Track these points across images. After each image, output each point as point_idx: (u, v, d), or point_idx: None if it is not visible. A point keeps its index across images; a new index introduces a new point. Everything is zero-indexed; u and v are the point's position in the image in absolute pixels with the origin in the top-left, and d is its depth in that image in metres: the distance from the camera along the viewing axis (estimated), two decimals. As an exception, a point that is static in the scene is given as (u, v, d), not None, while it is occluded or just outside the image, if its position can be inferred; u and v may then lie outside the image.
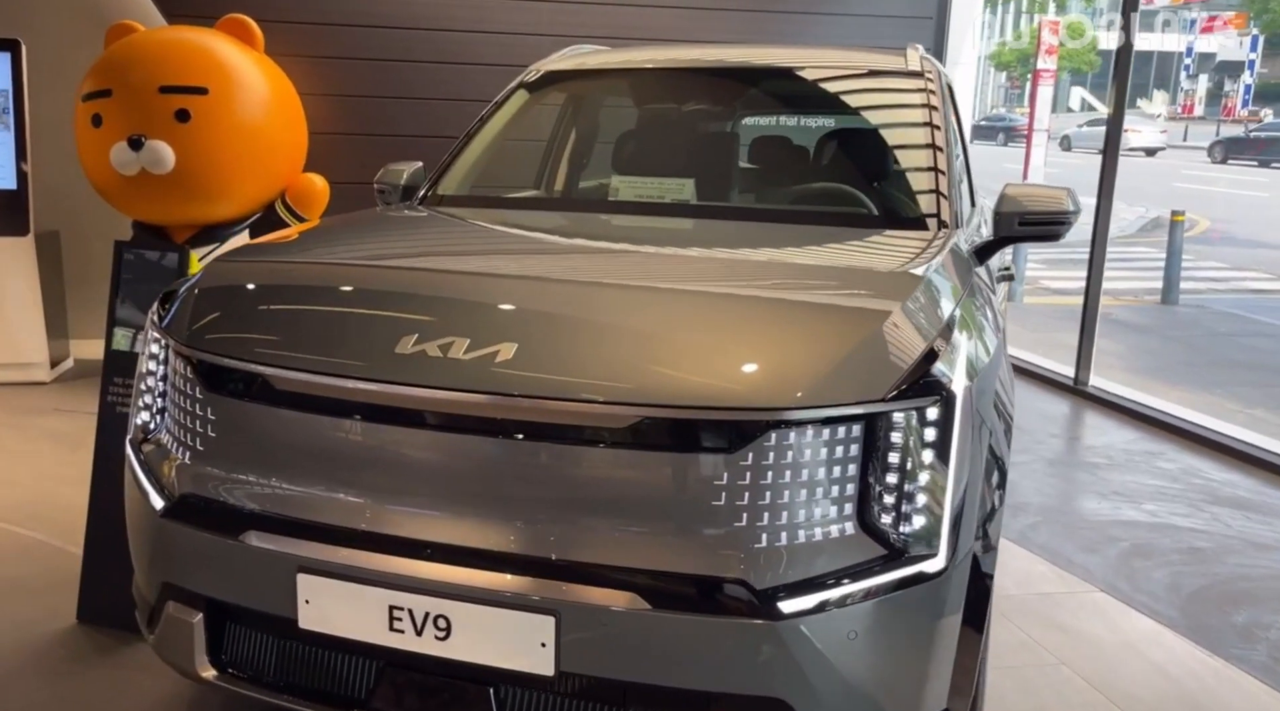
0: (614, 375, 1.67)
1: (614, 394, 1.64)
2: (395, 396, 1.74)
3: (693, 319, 1.79)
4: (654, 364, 1.68)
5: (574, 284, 1.97)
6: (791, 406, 1.61)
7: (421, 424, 1.75)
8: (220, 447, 1.93)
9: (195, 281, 2.15)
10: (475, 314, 1.85)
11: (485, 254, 2.34)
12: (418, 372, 1.73)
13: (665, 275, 2.05)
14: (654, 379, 1.66)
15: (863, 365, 1.68)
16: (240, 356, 1.89)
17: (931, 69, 2.97)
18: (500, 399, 1.68)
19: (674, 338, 1.74)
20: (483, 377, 1.70)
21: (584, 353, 1.72)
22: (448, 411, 1.72)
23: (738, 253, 2.33)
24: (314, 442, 1.84)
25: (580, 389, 1.66)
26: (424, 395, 1.72)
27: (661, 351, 1.71)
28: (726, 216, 2.69)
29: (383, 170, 3.24)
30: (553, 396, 1.66)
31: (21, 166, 5.08)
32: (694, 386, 1.64)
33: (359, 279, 2.07)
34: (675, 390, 1.63)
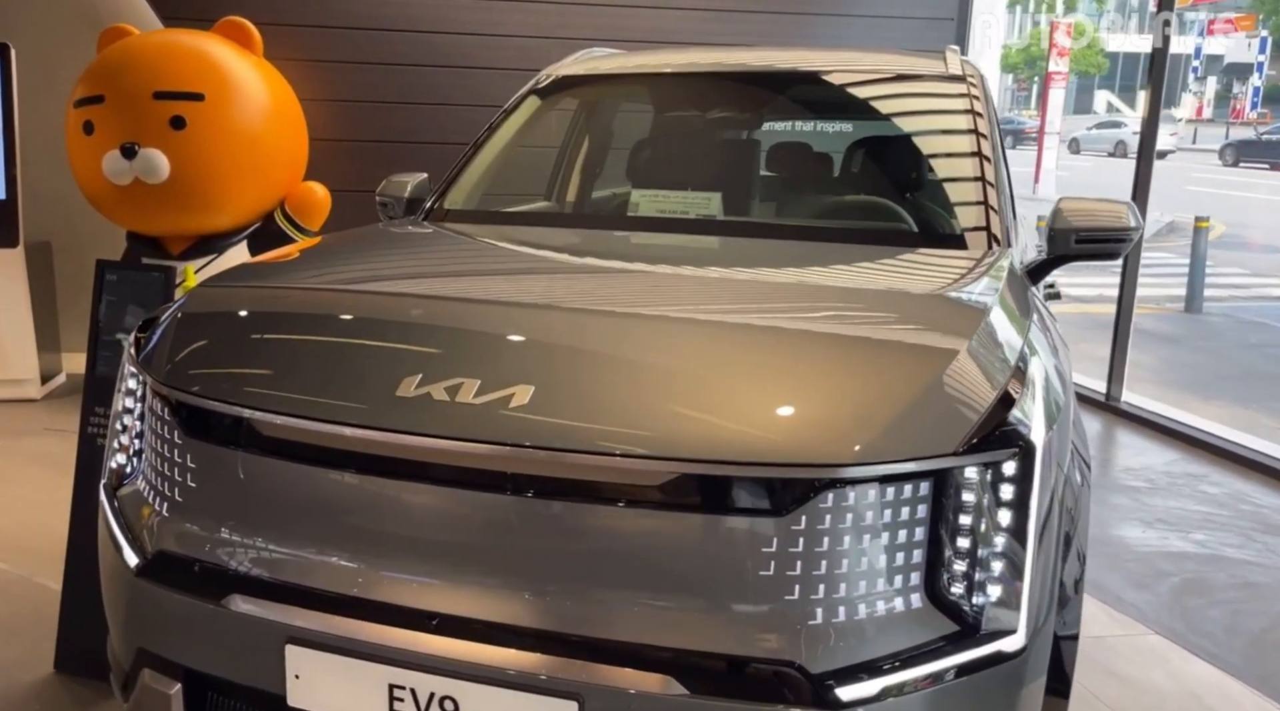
0: (645, 424, 1.46)
1: (645, 446, 1.43)
2: (396, 446, 1.54)
3: (735, 358, 1.58)
4: (692, 411, 1.47)
5: (598, 315, 1.76)
6: (850, 462, 1.40)
7: (426, 478, 1.54)
8: (201, 499, 1.73)
9: (175, 310, 1.95)
10: (486, 351, 1.65)
11: (496, 279, 2.13)
12: (421, 419, 1.53)
13: (699, 304, 1.84)
14: (692, 428, 1.45)
15: (930, 413, 1.47)
16: (223, 398, 1.68)
17: (973, 73, 2.76)
18: (515, 450, 1.47)
19: (714, 380, 1.53)
20: (495, 426, 1.49)
21: (610, 397, 1.52)
22: (455, 464, 1.52)
23: (777, 276, 2.12)
24: (306, 497, 1.63)
25: (606, 440, 1.45)
26: (428, 445, 1.51)
27: (700, 396, 1.50)
28: (757, 233, 2.48)
29: (385, 181, 3.04)
30: (574, 448, 1.45)
31: (11, 175, 4.89)
32: (738, 438, 1.43)
33: (356, 309, 1.86)
34: (716, 442, 1.43)
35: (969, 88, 2.68)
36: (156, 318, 2.01)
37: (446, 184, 2.89)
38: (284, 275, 2.14)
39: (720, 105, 3.05)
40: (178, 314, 1.92)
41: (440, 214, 2.77)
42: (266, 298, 1.96)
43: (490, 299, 1.88)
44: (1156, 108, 5.23)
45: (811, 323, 1.71)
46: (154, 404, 1.81)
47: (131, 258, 4.89)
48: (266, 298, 1.96)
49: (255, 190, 4.85)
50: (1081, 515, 1.68)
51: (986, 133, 2.54)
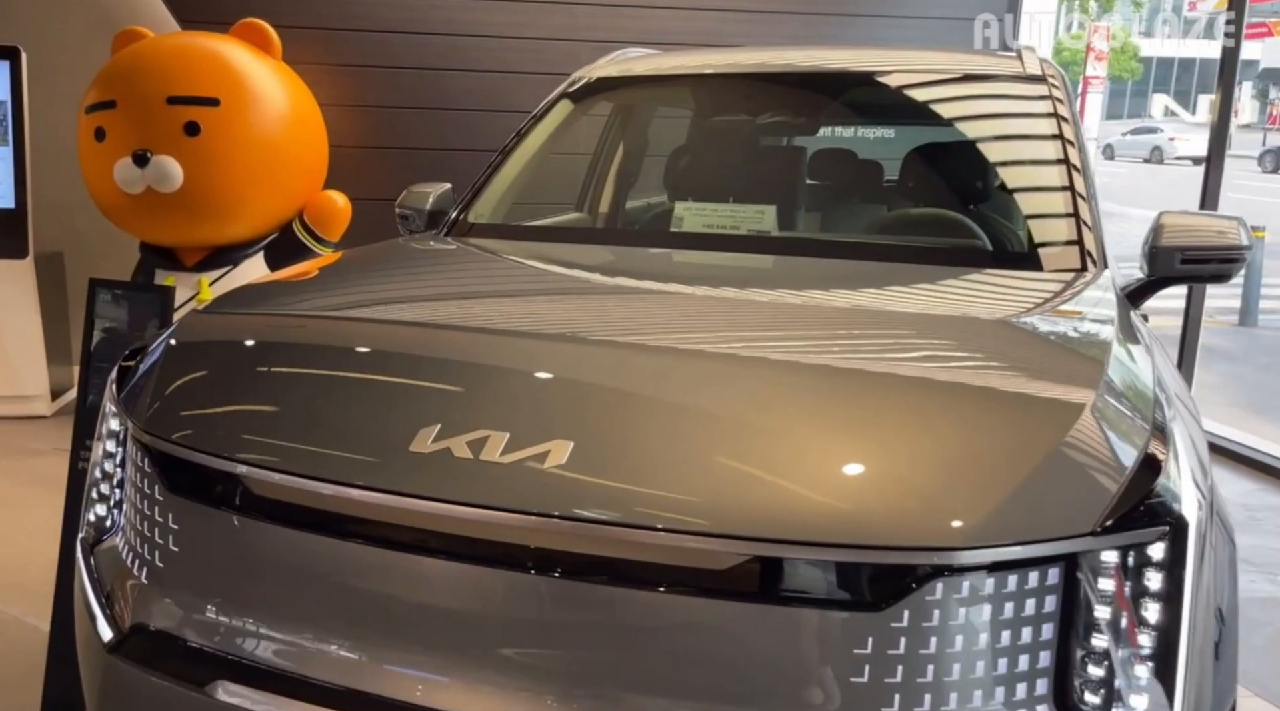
0: (709, 492, 1.21)
1: (708, 520, 1.18)
2: (408, 513, 1.29)
3: (818, 410, 1.32)
4: (768, 476, 1.22)
5: (649, 354, 1.49)
6: (964, 545, 1.14)
7: (442, 551, 1.29)
8: (185, 566, 1.49)
9: (161, 342, 1.71)
10: (516, 397, 1.39)
11: (528, 307, 1.87)
12: (438, 480, 1.28)
13: (768, 341, 1.57)
14: (768, 500, 1.19)
15: (1058, 484, 1.20)
16: (210, 449, 1.44)
17: (1054, 73, 2.48)
18: (547, 522, 1.22)
19: (794, 438, 1.27)
20: (525, 490, 1.25)
21: (665, 457, 1.26)
22: (477, 536, 1.27)
23: (851, 306, 1.85)
24: (303, 569, 1.38)
25: (659, 511, 1.20)
26: (445, 513, 1.27)
27: (778, 458, 1.24)
28: (818, 252, 2.21)
29: (406, 192, 2.80)
30: (620, 522, 1.20)
31: (21, 184, 4.70)
32: (825, 513, 1.17)
33: (367, 343, 1.61)
34: (798, 518, 1.17)
35: (1050, 89, 2.40)
36: (143, 348, 1.78)
37: (472, 195, 2.65)
38: (286, 301, 1.89)
39: (771, 109, 2.79)
40: (163, 347, 1.69)
41: (464, 228, 2.53)
42: (264, 328, 1.72)
43: (521, 331, 1.63)
44: (1227, 112, 4.94)
45: (903, 365, 1.44)
46: (134, 452, 1.57)
47: (145, 269, 4.69)
48: (264, 328, 1.72)
49: (272, 199, 4.64)
50: (1230, 594, 1.40)
51: (1074, 139, 2.26)
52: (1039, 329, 1.69)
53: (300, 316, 1.77)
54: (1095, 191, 2.20)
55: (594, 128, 3.58)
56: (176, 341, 1.68)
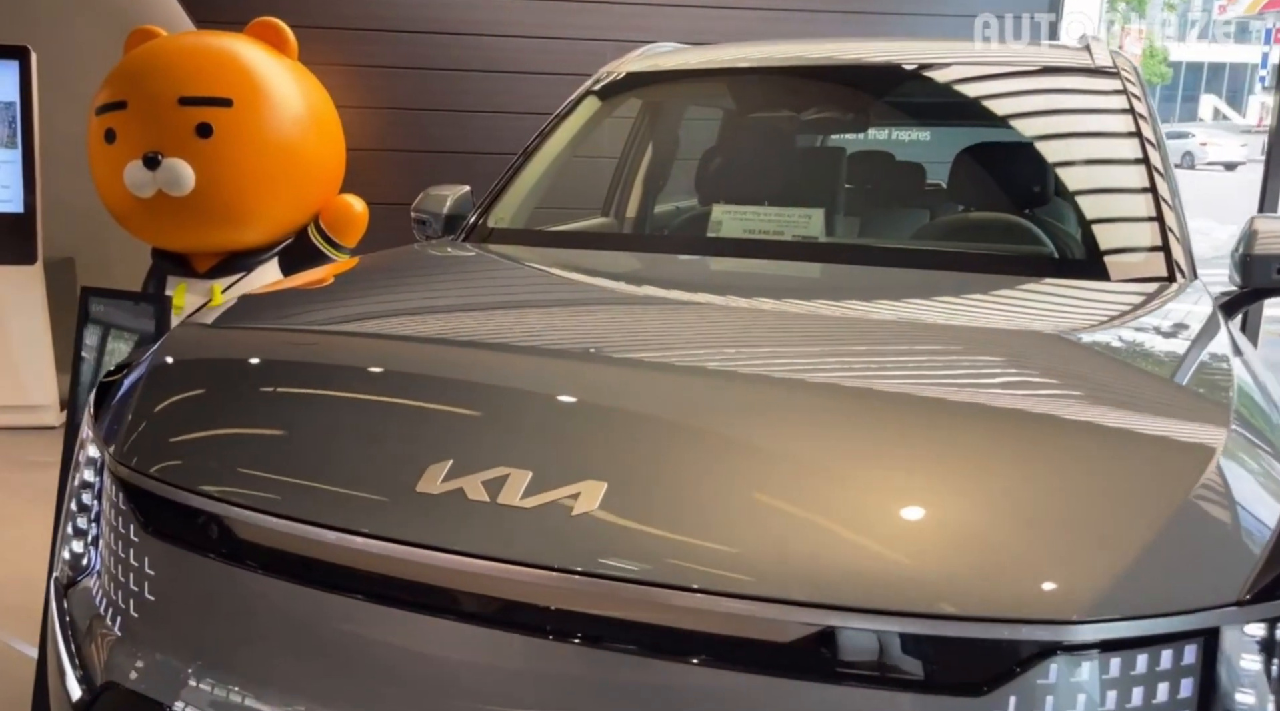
0: (771, 548, 1.01)
1: (771, 582, 0.99)
2: (414, 565, 1.11)
3: (903, 448, 1.12)
4: (843, 531, 1.02)
5: (697, 378, 1.30)
6: (1084, 618, 0.94)
7: (453, 612, 1.10)
8: (163, 619, 1.30)
9: (143, 361, 1.54)
10: (541, 429, 1.20)
11: (553, 321, 1.67)
12: (449, 528, 1.10)
13: (832, 364, 1.38)
14: (843, 558, 1.00)
15: (1193, 543, 1.00)
16: (191, 485, 1.26)
17: (1127, 66, 2.27)
18: (578, 580, 1.03)
19: (874, 484, 1.07)
20: (549, 541, 1.06)
21: (718, 504, 1.07)
22: (493, 595, 1.08)
23: (923, 321, 1.63)
24: (295, 627, 1.20)
25: (710, 569, 1.01)
26: (457, 566, 1.08)
27: (855, 507, 1.04)
28: (873, 260, 2.01)
29: (422, 195, 2.62)
30: (663, 582, 1.01)
31: (30, 187, 4.57)
32: (913, 575, 0.98)
33: (371, 362, 1.43)
34: (880, 580, 0.97)
35: (1125, 84, 2.19)
36: (127, 365, 1.60)
37: (492, 198, 2.46)
38: (284, 315, 1.71)
39: (815, 106, 2.59)
40: (145, 365, 1.51)
41: (484, 233, 2.35)
42: (258, 346, 1.54)
43: (546, 350, 1.44)
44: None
45: (998, 395, 1.24)
46: (110, 485, 1.40)
47: (156, 276, 4.55)
48: (258, 346, 1.54)
49: (287, 203, 4.48)
50: None
51: (1154, 139, 2.05)
52: (1146, 350, 1.48)
53: (298, 332, 1.59)
54: (1180, 196, 1.99)
55: (619, 128, 3.40)
56: (159, 360, 1.51)
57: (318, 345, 1.50)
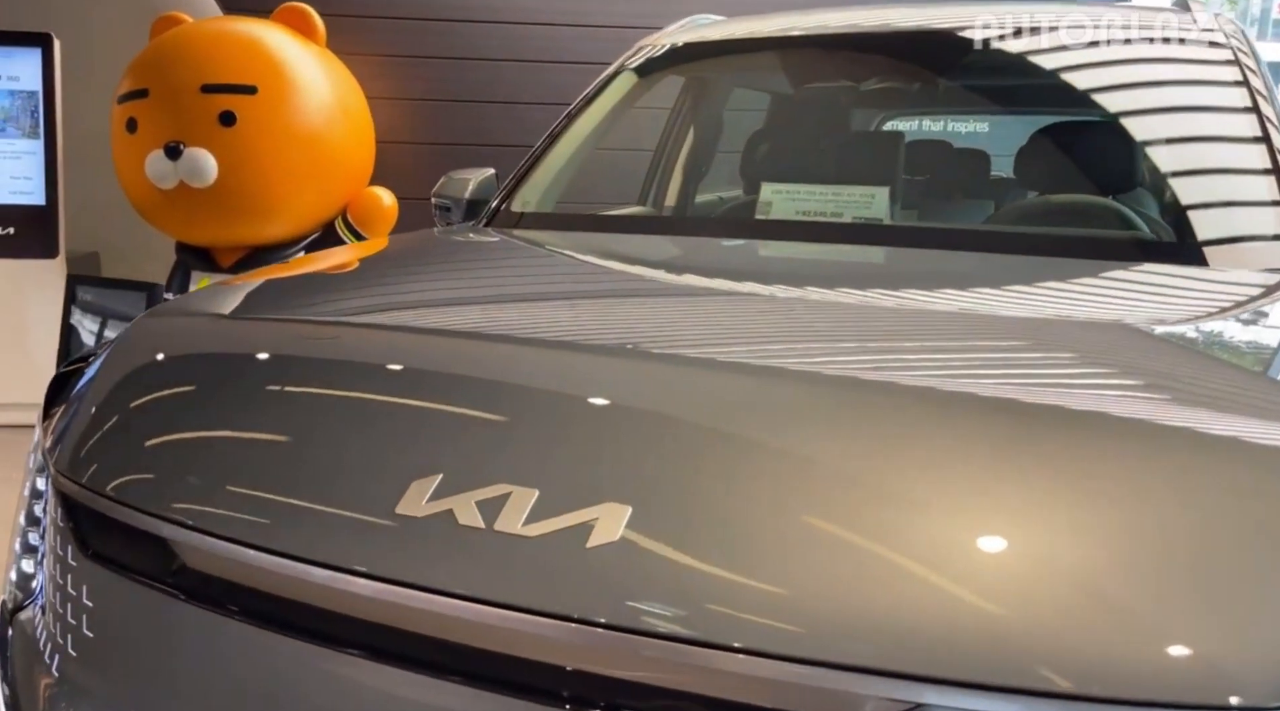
0: (845, 600, 0.77)
1: (844, 644, 0.75)
2: (389, 607, 0.88)
3: (1020, 474, 0.86)
4: (936, 581, 0.78)
5: (748, 378, 1.04)
6: (1253, 706, 0.69)
7: (438, 666, 0.88)
8: (100, 660, 1.09)
9: (100, 356, 1.33)
10: (551, 438, 0.97)
11: (576, 312, 1.42)
12: (431, 559, 0.88)
13: (917, 362, 1.12)
14: (937, 618, 0.75)
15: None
16: (132, 502, 1.05)
17: (1235, 33, 1.99)
18: (593, 634, 0.80)
19: (986, 517, 0.82)
20: (559, 582, 0.84)
21: (776, 540, 0.83)
22: (487, 648, 0.86)
23: (1024, 317, 1.36)
24: (247, 677, 0.98)
25: (762, 621, 0.77)
26: (441, 609, 0.86)
27: (952, 552, 0.80)
28: (946, 244, 1.75)
29: (443, 179, 2.42)
30: (707, 641, 0.78)
31: (52, 179, 4.44)
32: (1023, 642, 0.73)
33: (351, 357, 1.20)
34: (984, 649, 0.73)
35: (1237, 53, 1.91)
36: (87, 357, 1.40)
37: (517, 180, 2.24)
38: (261, 305, 1.48)
39: (875, 79, 2.34)
40: (99, 362, 1.30)
41: (508, 218, 2.12)
42: (229, 339, 1.32)
43: (562, 343, 1.20)
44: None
45: (1126, 408, 0.97)
46: (52, 500, 1.19)
47: (180, 271, 4.39)
48: (229, 339, 1.32)
49: (313, 196, 4.30)
50: None
51: (1274, 117, 1.78)
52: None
53: (278, 323, 1.37)
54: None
55: (654, 120, 3.17)
56: (114, 352, 1.30)
57: (296, 338, 1.28)
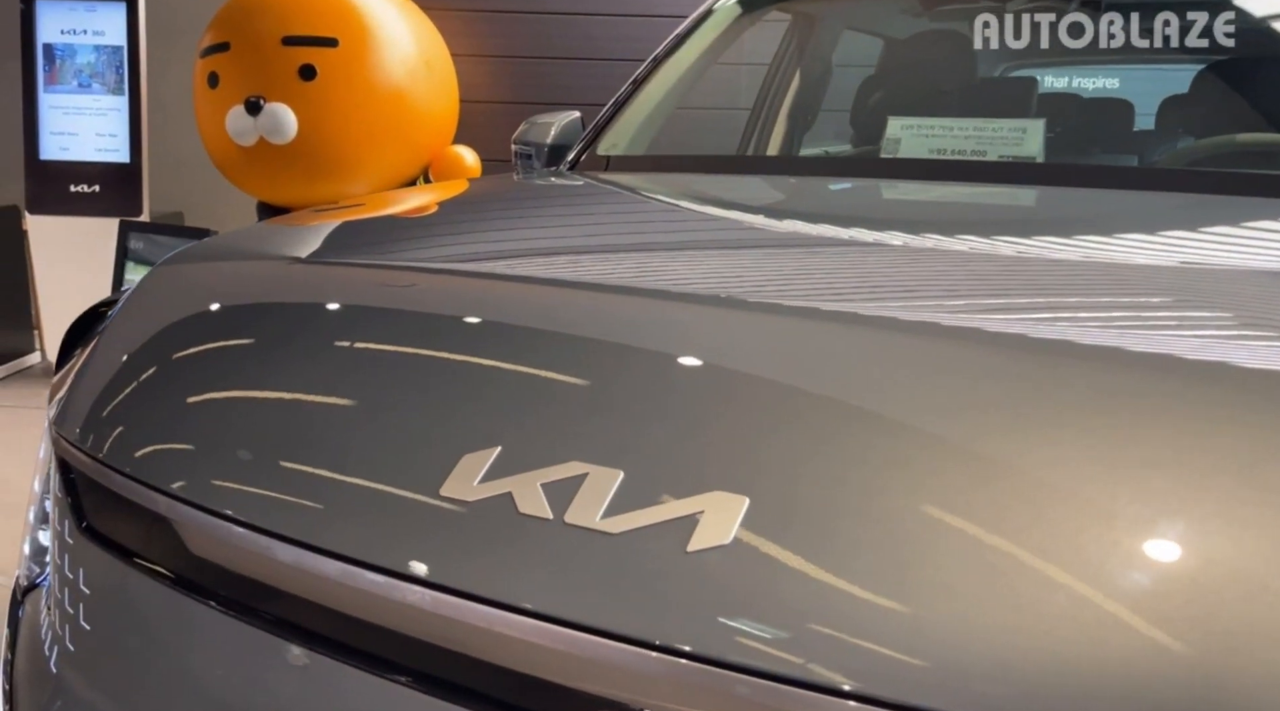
0: (1043, 642, 0.53)
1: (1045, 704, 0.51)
2: (422, 615, 0.68)
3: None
4: (1160, 615, 0.53)
5: (896, 337, 0.78)
6: None
7: (481, 698, 0.67)
8: (96, 654, 0.91)
9: (117, 307, 1.15)
10: (641, 407, 0.74)
11: (674, 262, 1.17)
12: (481, 559, 0.66)
13: (1110, 318, 0.86)
14: (1160, 667, 0.51)
15: None
16: (136, 473, 0.87)
17: None
18: (691, 670, 0.58)
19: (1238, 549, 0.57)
20: (650, 596, 0.61)
21: (952, 547, 0.59)
22: (552, 680, 0.64)
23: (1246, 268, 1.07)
24: (255, 691, 0.79)
25: (942, 673, 0.54)
26: (494, 625, 0.65)
27: (1182, 579, 0.55)
28: (1122, 184, 1.45)
29: (524, 124, 2.21)
30: (857, 692, 0.55)
31: (136, 137, 4.39)
32: None
33: (397, 306, 0.99)
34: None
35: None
36: (109, 304, 1.22)
37: (604, 122, 2.02)
38: (310, 247, 1.28)
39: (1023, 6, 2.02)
40: (115, 313, 1.12)
41: (595, 161, 1.90)
42: (262, 286, 1.12)
43: (660, 292, 0.97)
44: None
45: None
46: (52, 464, 1.02)
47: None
48: (262, 286, 1.12)
49: (395, 154, 4.15)
50: None
51: None
52: None
53: (312, 268, 1.16)
54: None
55: (755, 77, 2.91)
56: (129, 304, 1.11)
57: (336, 286, 1.08)
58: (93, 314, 1.18)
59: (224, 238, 1.31)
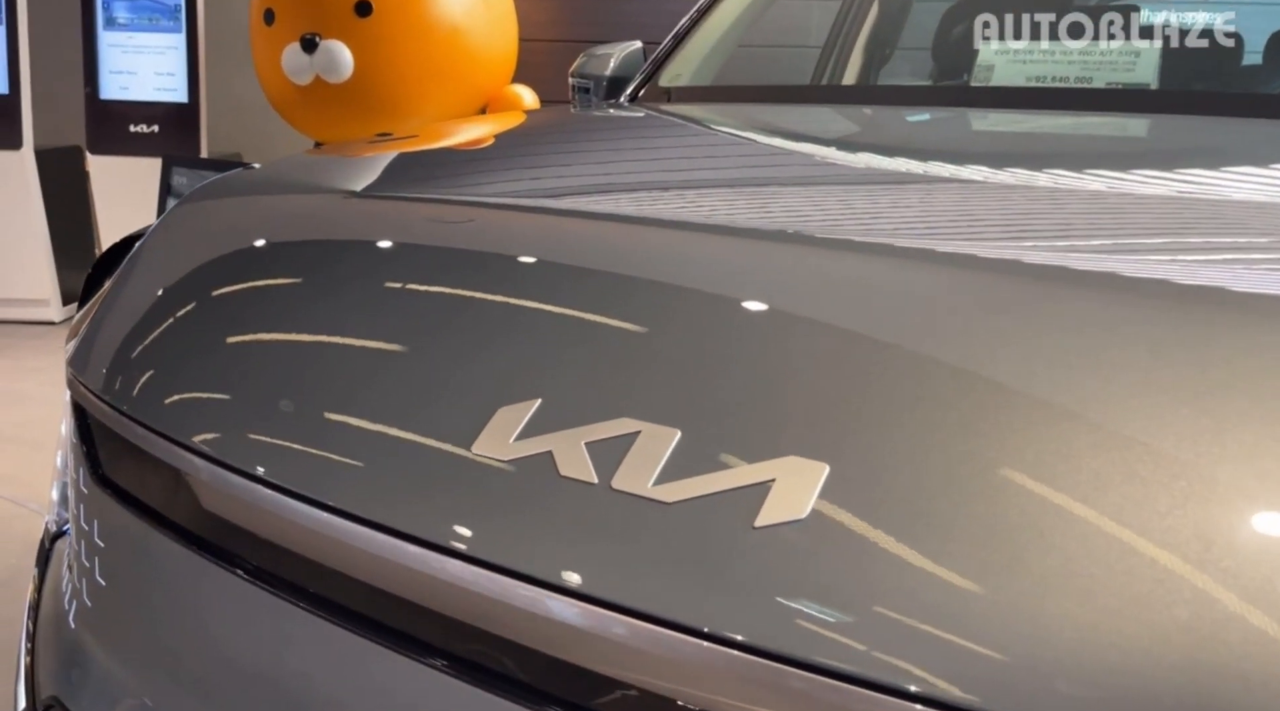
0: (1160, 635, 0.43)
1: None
2: (447, 588, 0.59)
3: None
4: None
5: (1001, 281, 0.66)
6: None
7: (503, 679, 0.58)
8: (112, 611, 0.85)
9: (140, 242, 1.07)
10: (702, 358, 0.64)
11: (741, 196, 1.05)
12: (512, 526, 0.57)
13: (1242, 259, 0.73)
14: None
15: None
16: (150, 421, 0.80)
17: None
18: (757, 665, 0.49)
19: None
20: (710, 577, 0.51)
21: (1064, 529, 0.48)
22: (584, 666, 0.55)
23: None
24: (267, 657, 0.72)
25: (1050, 680, 0.44)
26: (520, 601, 0.56)
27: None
28: (1241, 110, 1.29)
29: (582, 56, 2.10)
30: (946, 701, 0.45)
31: (194, 77, 4.35)
32: None
33: (437, 243, 0.90)
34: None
35: None
36: (133, 238, 1.15)
37: (666, 53, 1.89)
38: (343, 178, 1.19)
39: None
40: (136, 249, 1.05)
41: (656, 93, 1.78)
42: (285, 219, 1.03)
43: (725, 228, 0.85)
44: None
45: None
46: (68, 409, 0.96)
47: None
48: (285, 219, 1.03)
49: (451, 93, 4.05)
50: None
51: None
52: None
53: (345, 201, 1.07)
54: None
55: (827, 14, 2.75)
56: (152, 240, 1.04)
57: (370, 221, 0.98)
58: (120, 247, 1.11)
59: (256, 170, 1.23)
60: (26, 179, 4.44)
